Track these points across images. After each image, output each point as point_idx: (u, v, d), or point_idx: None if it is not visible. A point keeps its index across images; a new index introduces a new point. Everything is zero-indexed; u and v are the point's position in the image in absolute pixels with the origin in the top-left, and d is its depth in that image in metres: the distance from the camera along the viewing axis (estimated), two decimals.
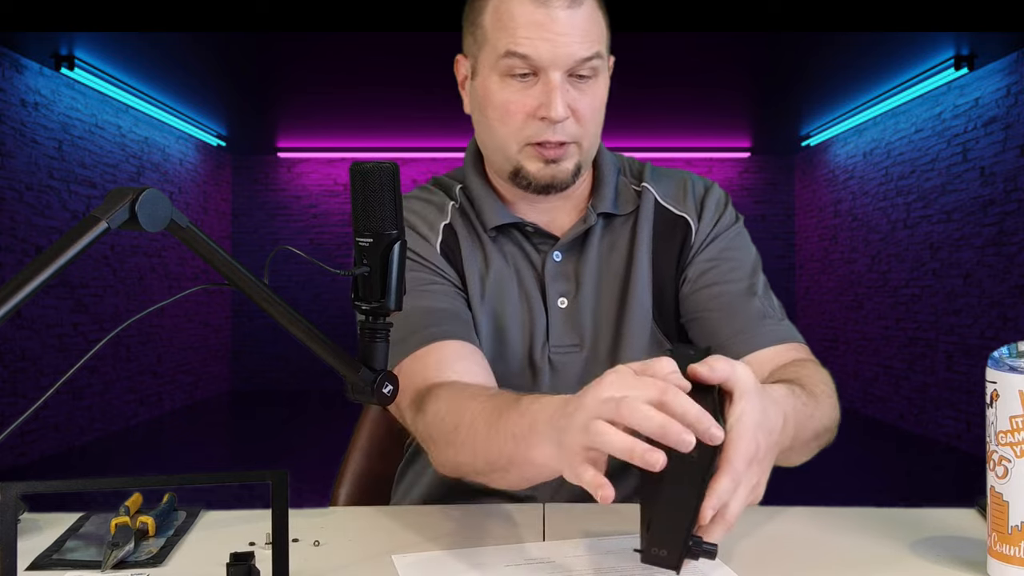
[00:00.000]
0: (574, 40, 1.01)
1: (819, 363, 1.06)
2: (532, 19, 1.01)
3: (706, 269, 1.13)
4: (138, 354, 7.04)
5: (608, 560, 0.83)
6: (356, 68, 5.95)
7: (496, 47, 1.03)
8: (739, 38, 5.28)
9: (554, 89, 1.02)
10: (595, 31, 1.03)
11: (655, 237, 1.15)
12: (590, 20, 1.03)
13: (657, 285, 1.14)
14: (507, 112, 1.05)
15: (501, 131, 1.07)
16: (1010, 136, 5.45)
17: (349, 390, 0.83)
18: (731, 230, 1.17)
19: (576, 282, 1.14)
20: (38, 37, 5.14)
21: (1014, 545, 0.76)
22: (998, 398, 0.76)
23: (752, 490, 0.72)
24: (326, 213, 9.23)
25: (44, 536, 0.92)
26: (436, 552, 0.86)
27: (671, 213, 1.16)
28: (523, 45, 1.01)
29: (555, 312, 1.13)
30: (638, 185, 1.18)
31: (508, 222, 1.13)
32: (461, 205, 1.18)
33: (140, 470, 5.27)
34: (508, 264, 1.14)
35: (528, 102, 1.04)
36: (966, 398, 5.89)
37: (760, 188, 9.32)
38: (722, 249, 1.14)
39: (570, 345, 1.13)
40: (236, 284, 0.74)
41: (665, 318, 1.14)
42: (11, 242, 5.31)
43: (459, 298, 1.11)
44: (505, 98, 1.04)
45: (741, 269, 1.13)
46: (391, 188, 0.78)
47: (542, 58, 1.01)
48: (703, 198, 1.18)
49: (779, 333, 1.08)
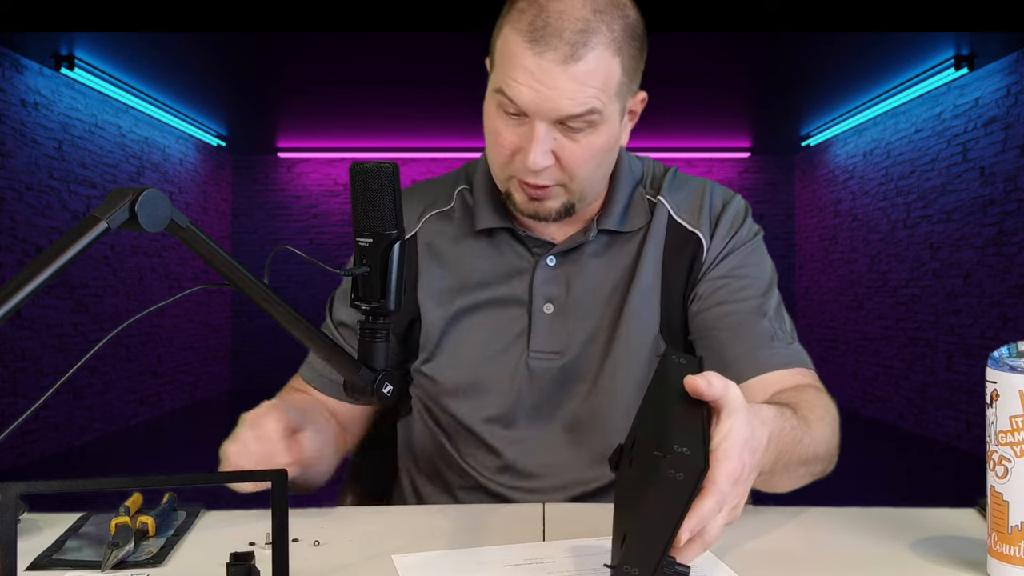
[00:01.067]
0: (564, 96, 0.96)
1: (824, 390, 1.04)
2: (525, 64, 0.96)
3: (717, 287, 1.11)
4: (138, 354, 7.04)
5: (608, 560, 0.83)
6: (356, 68, 5.95)
7: (495, 79, 1.01)
8: (739, 38, 5.28)
9: (534, 139, 0.98)
10: (596, 83, 0.97)
11: (666, 253, 1.13)
12: (591, 73, 0.96)
13: (666, 301, 1.12)
14: (496, 143, 1.03)
15: (492, 157, 1.06)
16: (1010, 136, 5.45)
17: (349, 390, 0.83)
18: (746, 246, 1.14)
19: (567, 289, 1.12)
20: (38, 37, 5.15)
21: (1014, 545, 0.76)
22: (998, 398, 0.76)
23: (732, 510, 0.70)
24: (326, 213, 9.23)
25: (44, 536, 0.92)
26: (436, 552, 0.87)
27: (684, 229, 1.14)
28: (512, 88, 0.97)
29: (539, 317, 1.12)
30: (654, 197, 1.15)
31: (497, 226, 1.13)
32: (452, 208, 1.17)
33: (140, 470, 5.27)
34: (491, 266, 1.14)
35: (515, 140, 1.01)
36: (966, 398, 5.89)
37: (760, 188, 9.33)
38: (734, 267, 1.12)
39: (551, 352, 1.12)
40: (236, 284, 0.74)
41: (673, 334, 1.13)
42: (11, 242, 5.31)
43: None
44: (496, 128, 1.02)
45: (753, 287, 1.11)
46: (391, 188, 0.78)
47: (527, 106, 0.97)
48: (719, 214, 1.15)
49: (786, 357, 1.06)
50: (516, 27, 0.98)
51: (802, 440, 0.88)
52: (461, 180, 1.20)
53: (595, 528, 0.93)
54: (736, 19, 4.70)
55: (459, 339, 1.13)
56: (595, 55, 0.96)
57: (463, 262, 1.14)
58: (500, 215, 1.13)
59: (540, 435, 1.13)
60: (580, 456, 1.13)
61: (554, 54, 0.95)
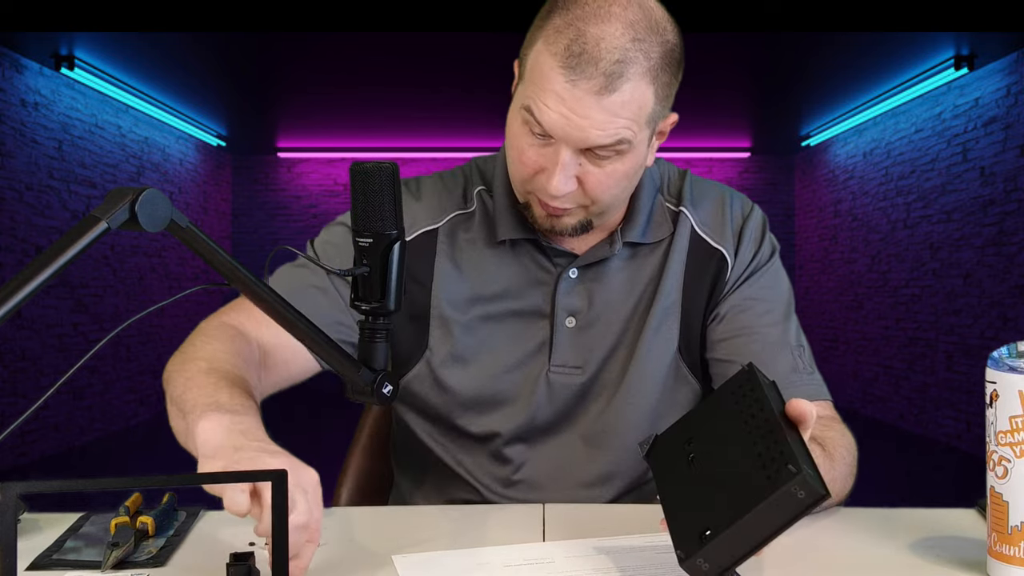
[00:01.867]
0: (593, 126, 0.93)
1: (842, 423, 1.05)
2: (557, 90, 0.92)
3: (739, 311, 1.10)
4: (138, 354, 7.04)
5: (608, 560, 0.83)
6: (356, 68, 5.95)
7: (523, 95, 0.97)
8: (739, 38, 5.28)
9: (558, 164, 0.95)
10: (629, 114, 0.94)
11: (688, 268, 1.11)
12: (624, 104, 0.93)
13: (686, 318, 1.11)
14: (519, 160, 1.00)
15: (513, 171, 1.03)
16: (1010, 136, 5.45)
17: (349, 390, 0.83)
18: (767, 267, 1.13)
19: (589, 303, 1.10)
20: (38, 37, 5.14)
21: (1014, 545, 0.76)
22: (998, 398, 0.76)
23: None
24: (326, 213, 9.22)
25: (44, 536, 0.92)
26: (436, 552, 0.86)
27: (707, 245, 1.12)
28: (541, 112, 0.94)
29: (562, 331, 1.10)
30: (676, 207, 1.13)
31: (520, 237, 1.10)
32: (474, 211, 1.13)
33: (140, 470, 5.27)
34: (514, 276, 1.11)
35: (538, 160, 0.98)
36: (966, 398, 5.89)
37: (760, 188, 9.33)
38: (756, 290, 1.11)
39: (572, 367, 1.10)
40: (236, 284, 0.74)
41: (691, 351, 1.12)
42: (11, 242, 5.31)
43: (339, 312, 1.08)
44: (520, 145, 0.99)
45: (774, 312, 1.10)
46: (391, 188, 0.78)
47: (554, 132, 0.94)
48: (741, 228, 1.13)
49: (808, 390, 1.06)
50: (551, 48, 0.93)
51: (826, 476, 0.90)
52: (476, 179, 1.16)
53: (595, 529, 0.93)
54: (736, 19, 4.70)
55: (477, 349, 1.11)
56: (630, 87, 0.93)
57: (483, 270, 1.11)
58: (523, 226, 1.10)
59: (551, 451, 1.12)
60: (588, 472, 1.12)
61: (588, 83, 0.91)
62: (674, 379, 1.12)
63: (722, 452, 0.74)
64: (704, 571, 0.67)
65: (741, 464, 0.71)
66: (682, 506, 0.73)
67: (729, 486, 0.70)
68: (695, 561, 0.67)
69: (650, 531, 0.91)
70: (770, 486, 0.66)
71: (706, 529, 0.68)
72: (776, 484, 0.66)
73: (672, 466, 0.78)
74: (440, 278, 1.11)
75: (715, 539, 0.67)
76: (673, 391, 1.13)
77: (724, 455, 0.74)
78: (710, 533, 0.67)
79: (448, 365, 1.11)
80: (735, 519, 0.67)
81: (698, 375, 1.14)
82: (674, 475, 0.77)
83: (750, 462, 0.70)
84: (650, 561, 0.82)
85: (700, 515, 0.70)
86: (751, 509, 0.66)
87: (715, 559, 0.67)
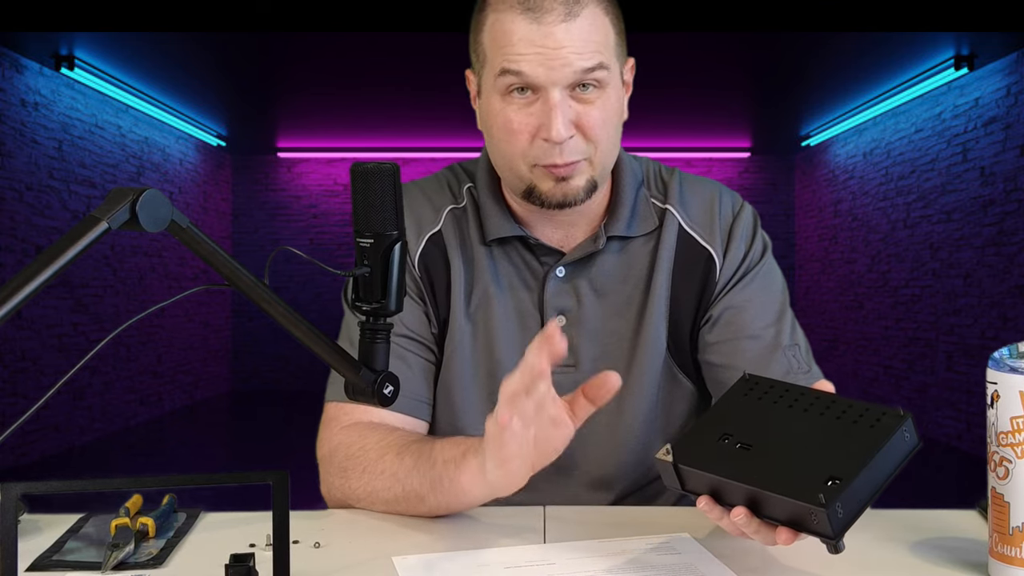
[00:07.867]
0: (571, 53, 0.95)
1: None
2: (526, 35, 0.96)
3: (732, 314, 1.08)
4: (138, 354, 7.04)
5: (609, 562, 0.83)
6: (356, 68, 5.95)
7: (494, 65, 0.99)
8: (739, 38, 5.28)
9: (553, 108, 0.96)
10: (598, 38, 0.97)
11: (676, 268, 1.10)
12: (591, 28, 0.97)
13: (673, 318, 1.10)
14: (511, 132, 1.00)
15: (508, 151, 1.02)
16: (1010, 136, 5.45)
17: (349, 391, 0.83)
18: (758, 267, 1.11)
19: (578, 300, 1.10)
20: (38, 37, 5.14)
21: (1015, 546, 0.76)
22: (999, 399, 0.76)
23: None
24: (326, 213, 9.23)
25: (44, 537, 0.91)
26: (436, 554, 0.86)
27: (696, 244, 1.11)
28: (518, 62, 0.96)
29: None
30: (662, 203, 1.13)
31: (510, 235, 1.10)
32: (465, 207, 1.14)
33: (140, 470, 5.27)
34: (503, 276, 1.11)
35: (530, 121, 0.99)
36: (966, 398, 5.89)
37: (760, 188, 9.33)
38: (749, 292, 1.09)
39: (564, 365, 1.09)
40: (236, 284, 0.74)
41: (680, 352, 1.11)
42: (11, 242, 5.31)
43: (420, 346, 1.11)
44: (507, 117, 1.00)
45: (766, 314, 1.09)
46: (391, 189, 0.78)
47: (538, 76, 0.96)
48: (731, 226, 1.12)
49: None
50: (503, 7, 0.98)
51: None
52: (463, 177, 1.17)
53: (596, 530, 0.93)
54: (736, 19, 4.70)
55: (475, 349, 1.11)
56: (589, 12, 0.97)
57: (474, 268, 1.12)
58: (510, 223, 1.10)
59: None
60: (589, 474, 1.11)
61: (551, 15, 0.96)
62: (668, 378, 1.12)
63: (785, 429, 0.76)
64: (839, 518, 0.69)
65: (826, 429, 0.74)
66: (768, 478, 0.72)
67: (830, 445, 0.72)
68: (834, 508, 0.68)
69: (651, 533, 0.91)
70: (884, 431, 0.70)
71: (828, 479, 0.69)
72: (891, 428, 0.70)
73: (719, 457, 0.76)
74: (455, 279, 1.12)
75: (850, 484, 0.69)
76: (669, 390, 1.12)
77: (789, 431, 0.75)
78: (841, 481, 0.69)
79: (448, 366, 1.12)
80: (863, 464, 0.69)
81: (690, 375, 1.13)
82: (731, 463, 0.75)
83: (835, 424, 0.74)
84: (651, 563, 0.82)
85: (806, 476, 0.70)
86: (876, 453, 0.70)
87: (848, 505, 0.69)
